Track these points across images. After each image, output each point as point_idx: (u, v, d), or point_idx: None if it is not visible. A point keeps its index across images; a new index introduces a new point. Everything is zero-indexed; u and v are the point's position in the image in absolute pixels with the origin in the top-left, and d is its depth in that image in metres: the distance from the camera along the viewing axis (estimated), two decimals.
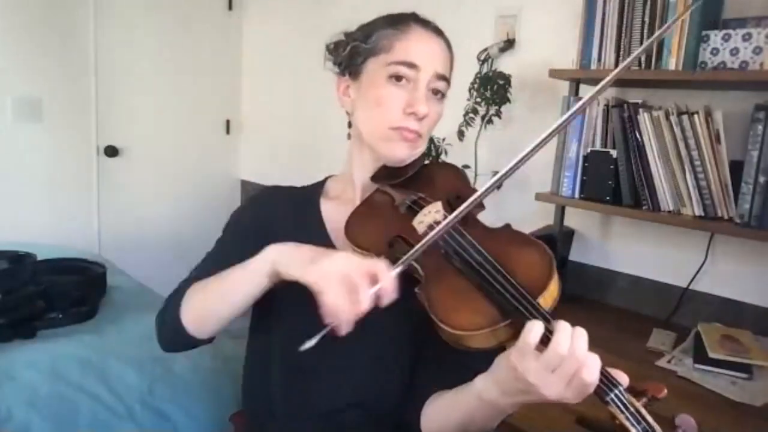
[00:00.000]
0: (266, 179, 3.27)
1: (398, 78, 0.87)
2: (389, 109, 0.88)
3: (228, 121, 3.36)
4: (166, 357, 1.55)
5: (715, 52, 1.46)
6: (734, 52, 1.43)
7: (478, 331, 0.66)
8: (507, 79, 1.92)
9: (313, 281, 0.70)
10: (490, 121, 1.96)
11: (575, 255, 1.96)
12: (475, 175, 2.02)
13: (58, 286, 1.67)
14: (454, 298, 0.71)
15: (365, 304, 0.68)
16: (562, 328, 0.61)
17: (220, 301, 0.86)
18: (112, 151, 2.90)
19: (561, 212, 1.83)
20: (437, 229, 0.73)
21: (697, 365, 1.37)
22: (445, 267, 0.74)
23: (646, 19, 1.53)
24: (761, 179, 1.37)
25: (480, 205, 0.86)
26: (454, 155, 2.06)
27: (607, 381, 0.61)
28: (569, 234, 1.95)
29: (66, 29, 2.69)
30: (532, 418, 1.42)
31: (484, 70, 2.03)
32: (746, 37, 1.41)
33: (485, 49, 2.05)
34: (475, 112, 1.95)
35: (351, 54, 0.93)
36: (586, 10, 1.64)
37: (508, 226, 0.81)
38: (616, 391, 0.60)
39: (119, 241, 2.95)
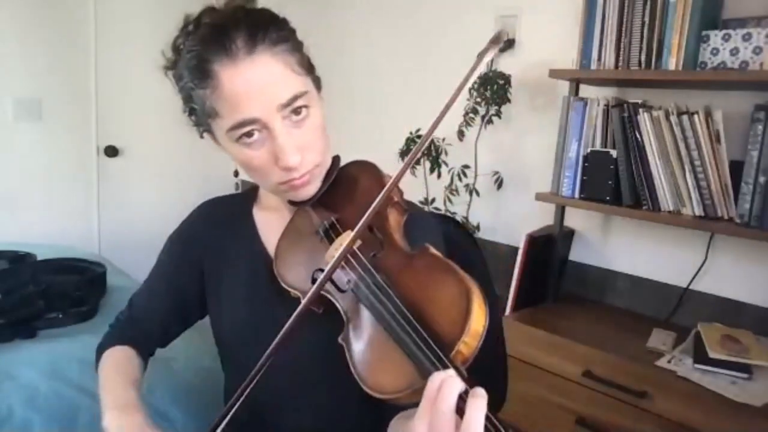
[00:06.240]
0: None
1: (248, 136, 0.73)
2: (263, 173, 0.77)
3: None
4: (166, 357, 1.55)
5: (715, 52, 1.46)
6: (734, 52, 1.43)
7: (399, 394, 0.59)
8: (507, 79, 1.92)
9: None
10: (490, 121, 1.97)
11: (575, 255, 1.96)
12: (476, 175, 2.02)
13: (58, 286, 1.67)
14: (372, 354, 0.63)
15: None
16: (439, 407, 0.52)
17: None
18: (112, 151, 2.90)
19: (561, 212, 1.83)
20: (312, 289, 0.66)
21: (697, 365, 1.38)
22: (363, 313, 0.66)
23: (646, 19, 1.53)
24: (761, 179, 1.37)
25: (402, 212, 0.77)
26: (454, 155, 2.06)
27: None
28: (569, 234, 1.95)
29: (66, 29, 2.69)
30: (532, 418, 1.42)
31: (484, 70, 2.03)
32: (746, 37, 1.41)
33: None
34: (475, 112, 1.96)
35: (189, 113, 0.83)
36: (586, 10, 1.64)
37: (425, 250, 0.67)
38: None
39: (119, 241, 2.95)
